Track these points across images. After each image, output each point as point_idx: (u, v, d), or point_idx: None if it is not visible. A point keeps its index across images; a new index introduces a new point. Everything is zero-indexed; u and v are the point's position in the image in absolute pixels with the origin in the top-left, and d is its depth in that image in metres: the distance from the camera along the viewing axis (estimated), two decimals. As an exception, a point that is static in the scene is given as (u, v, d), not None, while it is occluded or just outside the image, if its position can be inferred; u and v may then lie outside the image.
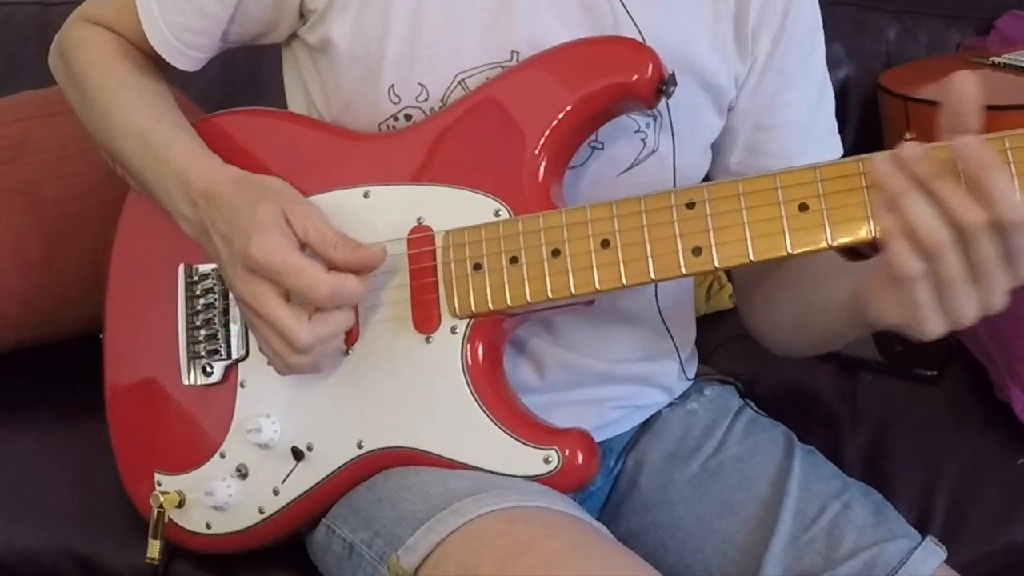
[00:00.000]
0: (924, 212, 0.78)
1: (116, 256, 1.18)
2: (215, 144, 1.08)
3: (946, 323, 0.82)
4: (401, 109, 1.03)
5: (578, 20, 1.01)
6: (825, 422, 1.34)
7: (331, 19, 1.02)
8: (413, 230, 1.00)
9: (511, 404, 0.99)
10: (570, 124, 0.98)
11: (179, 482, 1.10)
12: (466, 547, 0.89)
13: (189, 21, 1.07)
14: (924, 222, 0.78)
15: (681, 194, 0.92)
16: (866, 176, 0.85)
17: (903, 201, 0.79)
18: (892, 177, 0.80)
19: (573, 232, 0.94)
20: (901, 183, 0.79)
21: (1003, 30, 1.72)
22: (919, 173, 0.79)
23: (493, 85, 1.00)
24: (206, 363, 1.09)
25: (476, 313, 0.97)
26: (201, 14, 1.06)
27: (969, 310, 0.81)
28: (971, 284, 0.80)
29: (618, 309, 1.09)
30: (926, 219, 0.78)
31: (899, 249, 0.79)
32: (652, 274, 0.92)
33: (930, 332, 0.83)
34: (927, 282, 0.80)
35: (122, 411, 1.16)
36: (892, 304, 0.84)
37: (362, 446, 1.01)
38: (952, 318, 0.82)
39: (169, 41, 1.08)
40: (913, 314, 0.82)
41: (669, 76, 0.96)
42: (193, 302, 1.10)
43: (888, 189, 0.80)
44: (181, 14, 1.07)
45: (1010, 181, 0.79)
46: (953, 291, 0.80)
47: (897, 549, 1.01)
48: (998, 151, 0.81)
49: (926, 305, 0.81)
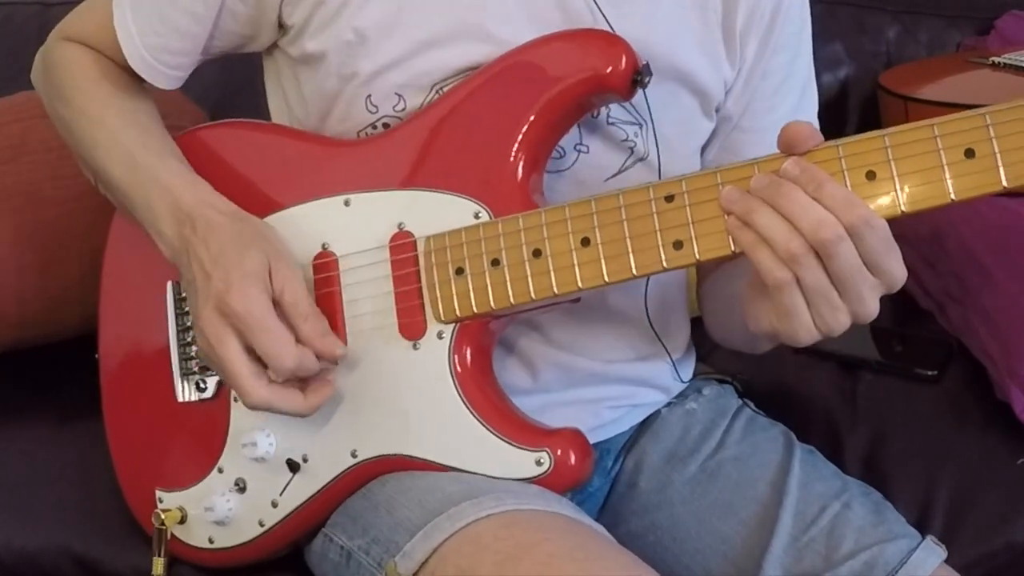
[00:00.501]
0: (774, 224, 0.82)
1: (106, 277, 1.18)
2: (198, 157, 1.08)
3: (818, 331, 0.85)
4: (379, 118, 1.03)
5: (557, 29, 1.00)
6: (825, 422, 1.34)
7: (308, 34, 1.02)
8: (395, 236, 1.00)
9: (501, 407, 0.99)
10: (546, 122, 0.97)
11: (180, 498, 1.10)
12: (463, 552, 0.89)
13: (167, 42, 1.07)
14: (776, 234, 0.82)
15: (660, 187, 0.91)
16: (845, 160, 0.85)
17: (752, 219, 0.84)
18: (737, 203, 0.85)
19: (553, 231, 0.94)
20: (748, 203, 0.84)
21: (1003, 30, 1.72)
22: (764, 196, 0.84)
23: (467, 86, 1.00)
24: (199, 379, 1.09)
25: (461, 317, 0.97)
26: (179, 35, 1.06)
27: (840, 317, 0.84)
28: (836, 293, 0.83)
29: (607, 310, 1.09)
30: (778, 231, 0.82)
31: (762, 258, 0.83)
32: (634, 270, 0.91)
33: (803, 340, 0.86)
34: (795, 289, 0.83)
35: (121, 430, 1.17)
36: (765, 312, 0.87)
37: (356, 455, 1.01)
38: (823, 327, 0.85)
39: (148, 62, 1.08)
40: (786, 322, 0.85)
41: (643, 66, 0.96)
42: (183, 318, 1.10)
43: (737, 213, 0.85)
44: (158, 36, 1.07)
45: (843, 187, 0.83)
46: (820, 299, 0.83)
47: (897, 549, 1.01)
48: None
49: (797, 313, 0.84)
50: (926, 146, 0.84)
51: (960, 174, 0.84)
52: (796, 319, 0.85)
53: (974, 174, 0.83)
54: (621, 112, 1.03)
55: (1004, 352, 1.32)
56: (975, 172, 0.83)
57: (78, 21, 1.15)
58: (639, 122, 1.03)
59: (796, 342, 0.86)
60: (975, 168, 0.83)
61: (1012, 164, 0.83)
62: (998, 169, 0.83)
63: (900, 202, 0.85)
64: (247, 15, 1.05)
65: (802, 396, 1.38)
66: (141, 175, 1.05)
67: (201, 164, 1.08)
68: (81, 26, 1.14)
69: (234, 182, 1.06)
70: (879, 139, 0.85)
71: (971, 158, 0.83)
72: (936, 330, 1.45)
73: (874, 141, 0.85)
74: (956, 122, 0.84)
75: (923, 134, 0.84)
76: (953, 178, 0.84)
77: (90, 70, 1.11)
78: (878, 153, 0.85)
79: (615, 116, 1.03)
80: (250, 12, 1.05)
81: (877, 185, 0.85)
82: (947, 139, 0.84)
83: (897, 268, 0.84)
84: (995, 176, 0.83)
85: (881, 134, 0.85)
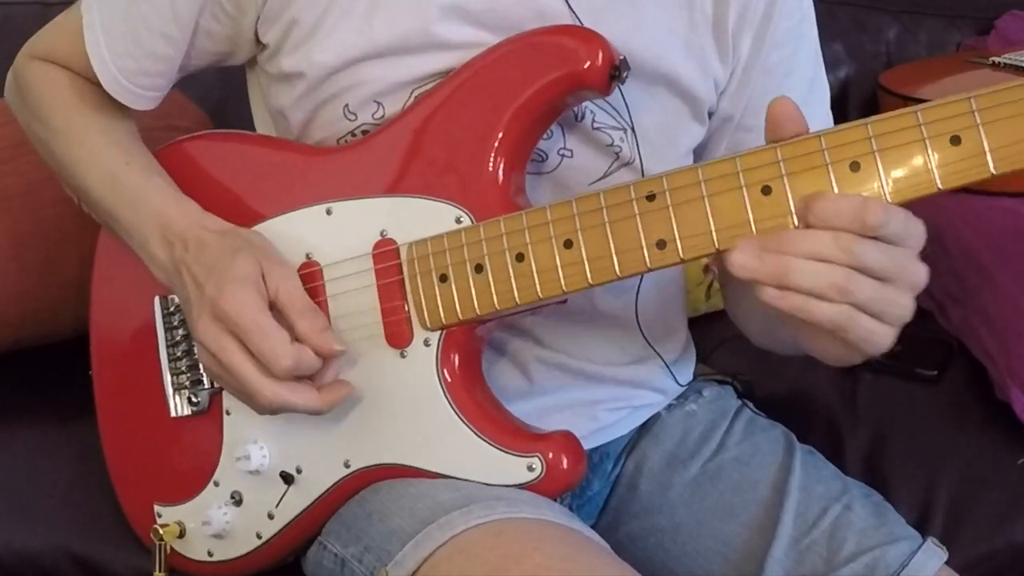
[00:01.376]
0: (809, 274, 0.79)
1: (95, 293, 1.18)
2: (180, 170, 1.08)
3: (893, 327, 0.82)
4: (358, 126, 1.01)
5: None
6: (825, 422, 1.34)
7: (284, 52, 1.01)
8: (377, 244, 0.99)
9: (491, 412, 0.98)
10: (524, 122, 0.96)
11: (178, 512, 1.10)
12: (454, 561, 0.89)
13: (142, 66, 1.06)
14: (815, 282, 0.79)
15: (641, 186, 0.88)
16: (828, 152, 0.82)
17: (787, 281, 0.80)
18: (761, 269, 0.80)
19: (535, 235, 0.92)
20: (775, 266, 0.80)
21: (1003, 30, 1.72)
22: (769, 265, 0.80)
23: (444, 89, 0.98)
24: (190, 393, 1.09)
25: (447, 324, 0.96)
26: (154, 58, 1.05)
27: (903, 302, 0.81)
28: (891, 285, 0.80)
29: (596, 313, 1.08)
30: (814, 279, 0.79)
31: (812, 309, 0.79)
32: (617, 271, 0.89)
33: (885, 347, 0.83)
34: (850, 311, 0.80)
35: (117, 446, 1.17)
36: (834, 347, 0.84)
37: (349, 465, 1.01)
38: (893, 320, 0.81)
39: (124, 86, 1.07)
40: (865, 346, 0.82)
41: (621, 61, 0.94)
42: (172, 333, 1.10)
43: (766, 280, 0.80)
44: (133, 60, 1.05)
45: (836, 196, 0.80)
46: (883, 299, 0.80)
47: (898, 552, 1.01)
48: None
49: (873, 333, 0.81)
50: (911, 135, 0.81)
51: (946, 162, 0.81)
52: (872, 340, 0.81)
53: (961, 161, 0.80)
54: (606, 117, 1.02)
55: (1004, 352, 1.32)
56: (962, 159, 0.80)
57: (48, 40, 1.13)
58: (624, 127, 1.02)
59: (879, 352, 0.83)
60: (962, 155, 0.80)
61: (999, 148, 0.79)
62: (985, 155, 0.80)
63: (886, 193, 0.82)
64: (223, 34, 1.04)
65: (803, 396, 1.38)
66: (126, 195, 1.05)
67: (183, 177, 1.07)
68: (52, 46, 1.12)
69: (216, 194, 1.06)
70: (862, 128, 0.82)
71: (957, 145, 0.80)
72: (936, 330, 1.45)
73: (857, 131, 0.82)
74: (940, 108, 0.81)
75: (907, 122, 0.81)
76: (939, 166, 0.81)
77: (65, 90, 1.10)
78: (862, 144, 0.82)
79: (600, 121, 1.02)
80: (226, 32, 1.03)
81: (862, 177, 0.82)
82: (932, 127, 0.81)
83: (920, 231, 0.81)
84: (982, 162, 0.80)
85: (864, 123, 0.82)
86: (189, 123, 1.50)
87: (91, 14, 1.06)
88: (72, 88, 1.10)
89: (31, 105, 1.12)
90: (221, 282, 0.95)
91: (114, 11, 1.05)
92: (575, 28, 0.96)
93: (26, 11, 1.68)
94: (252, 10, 1.01)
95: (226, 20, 1.03)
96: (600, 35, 0.94)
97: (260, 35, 1.03)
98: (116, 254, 1.13)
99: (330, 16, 0.98)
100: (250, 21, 1.02)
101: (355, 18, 0.98)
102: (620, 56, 0.94)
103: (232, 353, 0.95)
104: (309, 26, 0.99)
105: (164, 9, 1.02)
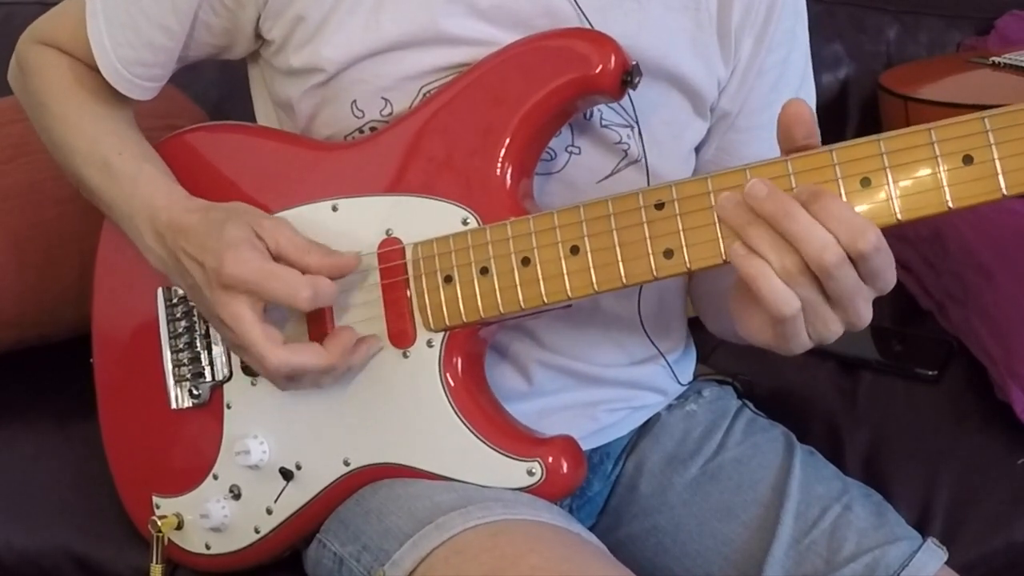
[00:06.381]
0: (775, 245, 0.80)
1: (98, 282, 1.18)
2: (183, 162, 1.07)
3: (811, 341, 0.84)
4: (366, 123, 1.01)
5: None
6: (825, 422, 1.34)
7: (291, 49, 1.01)
8: (383, 243, 0.99)
9: (493, 415, 0.98)
10: (534, 125, 0.96)
11: (176, 504, 1.10)
12: (451, 562, 0.89)
13: (140, 55, 1.06)
14: (776, 256, 0.80)
15: (650, 194, 0.88)
16: (840, 167, 0.82)
17: (748, 233, 0.81)
18: (733, 215, 0.82)
19: (542, 240, 0.92)
20: (744, 216, 0.81)
21: (1003, 30, 1.72)
22: (763, 211, 0.81)
23: (453, 88, 0.98)
24: (192, 386, 1.09)
25: (450, 326, 0.96)
26: (153, 49, 1.05)
27: (834, 328, 0.83)
28: (830, 307, 0.81)
29: (600, 314, 1.08)
30: (777, 253, 0.80)
31: (767, 290, 0.81)
32: (624, 279, 0.89)
33: (795, 352, 0.84)
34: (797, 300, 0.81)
35: (117, 437, 1.17)
36: (758, 327, 0.85)
37: (348, 463, 1.01)
38: (817, 338, 0.83)
39: (123, 75, 1.07)
40: (783, 341, 0.84)
41: (633, 66, 0.93)
42: (174, 324, 1.10)
43: (733, 226, 0.82)
44: (132, 49, 1.05)
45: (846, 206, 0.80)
46: (815, 315, 0.82)
47: (899, 552, 1.01)
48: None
49: (796, 332, 0.82)
50: (923, 152, 0.81)
51: (958, 181, 0.81)
52: (794, 339, 0.83)
53: (972, 181, 0.80)
54: (613, 115, 1.02)
55: (1004, 352, 1.32)
56: (973, 179, 0.80)
57: (51, 25, 1.13)
58: (631, 124, 1.02)
59: (788, 353, 0.85)
60: (973, 175, 0.80)
61: (1012, 171, 0.79)
62: (997, 176, 0.80)
63: (896, 210, 0.82)
64: (222, 27, 1.04)
65: (802, 397, 1.38)
66: (119, 186, 1.05)
67: (187, 168, 1.07)
68: (55, 31, 1.12)
69: (221, 187, 1.05)
70: (874, 144, 0.82)
71: (969, 164, 0.80)
72: (936, 330, 1.45)
73: (869, 147, 0.82)
74: (954, 127, 0.81)
75: (920, 139, 0.81)
76: (951, 185, 0.81)
77: (65, 76, 1.10)
78: (873, 160, 0.82)
79: (608, 119, 1.02)
80: (225, 25, 1.04)
81: (872, 193, 0.82)
82: (944, 145, 0.81)
83: (892, 277, 0.82)
84: (994, 184, 0.80)
85: (876, 139, 0.82)
86: (187, 122, 1.48)
87: (94, 2, 1.06)
88: (72, 74, 1.10)
89: (32, 90, 1.13)
90: (219, 253, 0.94)
91: (116, 0, 1.05)
92: (587, 31, 0.96)
93: (26, 11, 1.68)
94: (251, 5, 1.01)
95: (225, 13, 1.03)
96: (612, 39, 0.93)
97: (264, 31, 1.03)
98: (119, 243, 1.12)
99: (337, 12, 0.99)
100: (249, 16, 1.02)
101: (362, 14, 0.98)
102: (633, 61, 0.94)
103: (242, 316, 0.94)
104: (316, 22, 0.99)
105: (164, 1, 1.02)
